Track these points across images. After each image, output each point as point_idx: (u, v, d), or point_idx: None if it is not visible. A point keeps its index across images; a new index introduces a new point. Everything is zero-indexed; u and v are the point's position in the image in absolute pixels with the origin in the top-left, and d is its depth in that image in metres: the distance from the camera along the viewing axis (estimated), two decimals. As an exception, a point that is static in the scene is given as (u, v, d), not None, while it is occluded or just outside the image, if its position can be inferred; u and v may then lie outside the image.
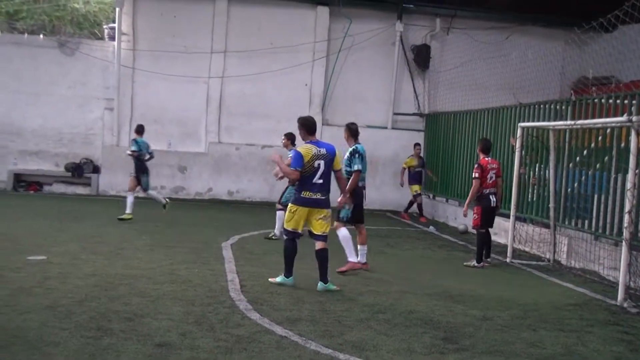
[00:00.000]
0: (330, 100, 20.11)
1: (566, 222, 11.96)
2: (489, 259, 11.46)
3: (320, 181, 8.53)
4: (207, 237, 12.34)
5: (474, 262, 11.18)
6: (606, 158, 11.14)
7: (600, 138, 11.44)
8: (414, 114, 20.43)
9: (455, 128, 17.86)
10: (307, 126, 8.79)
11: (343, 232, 9.77)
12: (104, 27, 21.09)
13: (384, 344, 6.26)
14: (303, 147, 8.66)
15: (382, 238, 13.88)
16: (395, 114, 20.31)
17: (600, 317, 7.98)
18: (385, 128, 20.22)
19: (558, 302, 8.73)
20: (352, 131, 10.14)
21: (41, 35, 20.00)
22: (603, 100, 11.42)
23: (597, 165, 11.37)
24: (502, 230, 13.92)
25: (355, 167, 9.78)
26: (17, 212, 14.49)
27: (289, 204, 8.81)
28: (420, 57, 20.11)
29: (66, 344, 5.68)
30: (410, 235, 14.72)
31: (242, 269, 9.50)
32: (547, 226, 12.19)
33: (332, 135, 19.59)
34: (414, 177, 17.88)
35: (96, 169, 19.41)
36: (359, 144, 10.15)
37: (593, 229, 11.27)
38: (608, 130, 11.05)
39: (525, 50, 19.26)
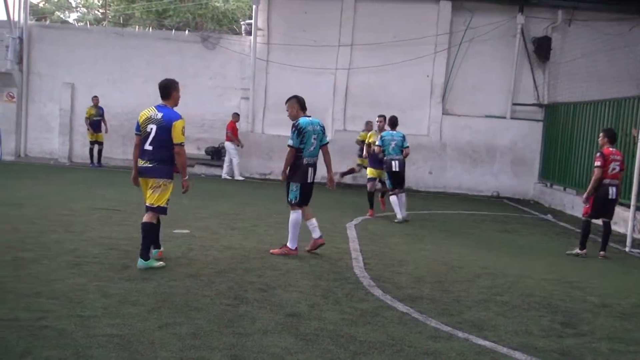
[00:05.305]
0: (451, 90, 19.74)
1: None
2: (602, 252, 10.38)
3: (150, 148, 7.34)
4: (332, 218, 12.33)
5: (577, 250, 10.36)
6: None
7: None
8: (533, 105, 19.69)
9: (575, 119, 17.05)
10: (159, 88, 7.58)
11: (294, 216, 8.74)
12: (241, 23, 21.78)
13: (502, 325, 6.08)
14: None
15: (499, 223, 13.52)
16: (514, 104, 19.65)
17: None
18: (504, 118, 19.63)
19: (680, 293, 8.18)
20: (301, 104, 8.63)
21: (186, 31, 20.83)
22: None
23: None
24: (622, 220, 13.19)
25: (288, 142, 8.50)
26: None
27: None
28: (541, 49, 19.40)
29: (208, 310, 5.88)
30: (527, 222, 14.22)
31: (365, 248, 9.50)
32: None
33: (452, 124, 19.39)
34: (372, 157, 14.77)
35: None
36: (307, 117, 8.58)
37: None
38: None
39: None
